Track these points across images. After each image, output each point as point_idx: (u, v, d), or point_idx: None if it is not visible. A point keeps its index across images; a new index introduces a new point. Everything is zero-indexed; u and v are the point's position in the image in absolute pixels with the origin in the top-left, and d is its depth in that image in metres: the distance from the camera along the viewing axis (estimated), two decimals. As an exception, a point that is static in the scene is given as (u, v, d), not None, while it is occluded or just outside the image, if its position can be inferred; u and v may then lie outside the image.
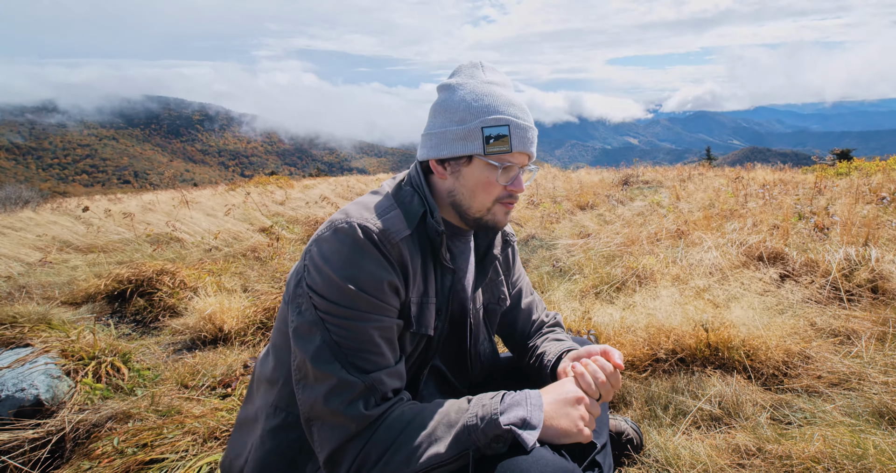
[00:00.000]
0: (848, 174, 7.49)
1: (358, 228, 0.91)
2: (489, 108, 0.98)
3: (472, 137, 0.97)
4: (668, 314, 2.28)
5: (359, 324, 0.88)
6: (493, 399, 0.88)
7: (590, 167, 12.22)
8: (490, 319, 1.23)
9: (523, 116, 1.00)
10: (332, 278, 0.89)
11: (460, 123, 0.98)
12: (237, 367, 2.26)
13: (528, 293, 1.35)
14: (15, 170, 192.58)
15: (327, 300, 0.89)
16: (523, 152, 1.00)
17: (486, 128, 0.97)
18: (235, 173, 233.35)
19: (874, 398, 1.69)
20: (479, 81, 1.02)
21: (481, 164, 0.99)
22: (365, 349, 0.89)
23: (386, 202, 1.01)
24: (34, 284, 3.60)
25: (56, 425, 1.72)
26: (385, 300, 0.92)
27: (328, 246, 0.92)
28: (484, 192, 1.01)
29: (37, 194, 12.04)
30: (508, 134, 0.97)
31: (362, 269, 0.89)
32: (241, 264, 4.16)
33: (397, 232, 0.94)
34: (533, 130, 1.02)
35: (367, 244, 0.91)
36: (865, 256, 2.79)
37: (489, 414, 0.84)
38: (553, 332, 1.31)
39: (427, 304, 1.02)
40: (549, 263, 3.93)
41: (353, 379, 0.86)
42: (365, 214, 0.95)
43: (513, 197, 1.04)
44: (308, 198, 9.23)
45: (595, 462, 1.05)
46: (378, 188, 1.08)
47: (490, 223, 1.05)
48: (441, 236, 0.99)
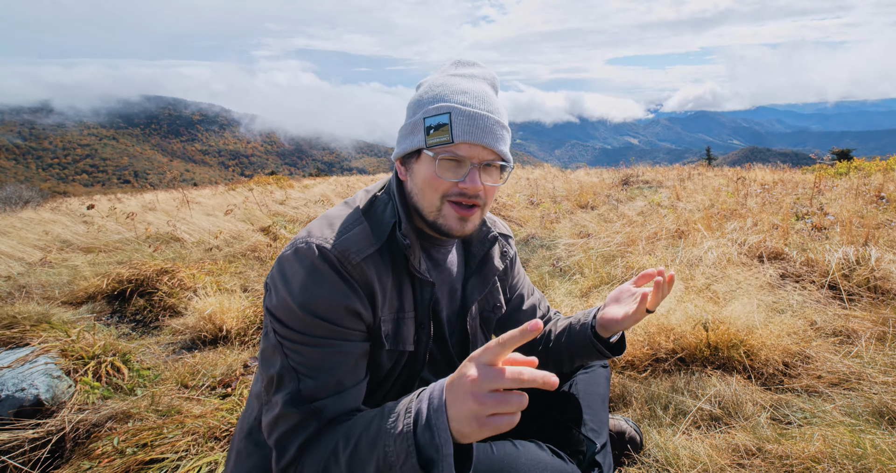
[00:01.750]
0: (847, 174, 7.49)
1: (316, 249, 0.87)
2: (435, 97, 0.90)
3: (417, 130, 0.91)
4: (667, 312, 2.28)
5: (315, 350, 0.86)
6: (405, 424, 0.72)
7: (589, 167, 12.22)
8: (486, 326, 1.21)
9: (475, 103, 0.89)
10: (289, 304, 0.86)
11: (411, 117, 0.93)
12: (237, 367, 2.26)
13: (529, 295, 1.33)
14: (15, 170, 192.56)
15: (285, 326, 0.87)
16: (475, 144, 0.88)
17: (427, 118, 0.89)
18: (235, 173, 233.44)
19: (874, 397, 1.69)
20: (444, 74, 0.96)
21: (427, 158, 0.90)
22: (320, 374, 0.86)
23: (353, 217, 0.95)
24: (34, 283, 3.60)
25: (56, 425, 1.72)
26: (344, 325, 0.88)
27: (288, 267, 0.89)
28: (430, 189, 0.91)
29: (37, 193, 12.04)
30: (449, 122, 0.87)
31: (318, 295, 0.85)
32: (241, 264, 4.16)
33: (358, 252, 0.89)
34: (488, 118, 0.89)
35: (325, 267, 0.86)
36: (865, 256, 2.79)
37: (405, 455, 0.70)
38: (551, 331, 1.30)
39: (404, 319, 0.97)
40: (550, 263, 3.93)
41: (295, 411, 0.84)
42: (326, 232, 0.90)
43: (464, 196, 0.91)
44: (308, 198, 9.23)
45: (595, 461, 1.05)
46: (350, 199, 1.02)
47: (444, 228, 0.94)
48: (409, 249, 0.93)
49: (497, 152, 0.91)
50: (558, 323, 1.26)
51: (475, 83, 0.93)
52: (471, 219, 0.94)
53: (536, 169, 12.16)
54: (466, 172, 0.89)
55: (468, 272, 1.13)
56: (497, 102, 0.94)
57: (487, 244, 1.12)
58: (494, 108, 0.92)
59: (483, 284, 1.12)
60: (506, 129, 0.93)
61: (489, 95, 0.93)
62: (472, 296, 1.11)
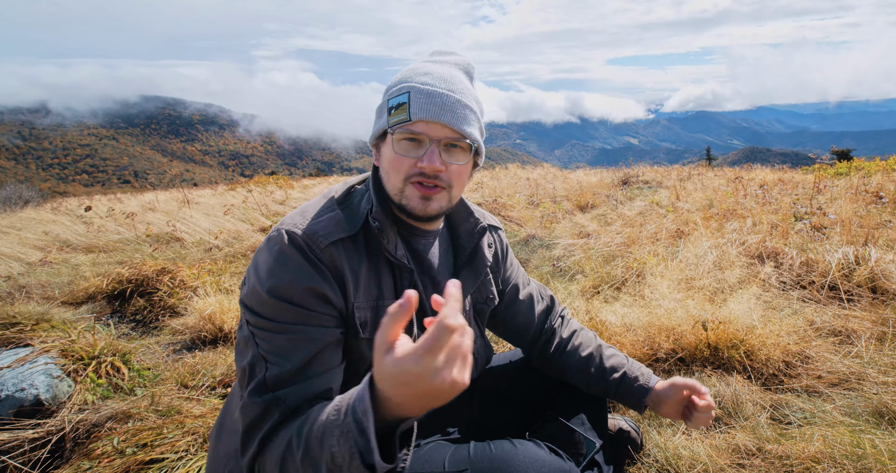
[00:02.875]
0: (847, 174, 7.49)
1: (285, 234, 0.88)
2: (399, 80, 0.92)
3: (382, 112, 0.93)
4: (667, 311, 2.28)
5: (282, 336, 0.85)
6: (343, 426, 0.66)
7: (589, 167, 12.23)
8: (480, 318, 1.20)
9: (436, 83, 0.89)
10: (257, 290, 0.86)
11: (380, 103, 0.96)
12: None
13: (524, 285, 1.30)
14: (15, 170, 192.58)
15: (254, 313, 0.87)
16: (432, 122, 0.87)
17: (390, 99, 0.91)
18: (235, 173, 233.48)
19: (874, 398, 1.69)
20: (417, 62, 0.98)
21: (390, 140, 0.91)
22: (286, 361, 0.84)
23: (326, 205, 0.96)
24: (34, 283, 3.61)
25: (56, 425, 1.72)
26: (311, 308, 0.87)
27: (260, 256, 0.90)
28: (393, 169, 0.92)
29: (37, 193, 12.05)
30: (408, 101, 0.87)
31: (283, 278, 0.86)
32: (241, 264, 4.16)
33: (326, 236, 0.89)
34: (447, 97, 0.88)
35: (292, 251, 0.87)
36: (865, 256, 2.79)
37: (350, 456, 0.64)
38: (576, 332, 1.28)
39: (384, 306, 0.96)
40: (550, 263, 3.93)
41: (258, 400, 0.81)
42: (297, 220, 0.92)
43: (425, 176, 0.90)
44: (308, 198, 9.24)
45: (594, 461, 1.05)
46: (328, 190, 1.04)
47: (408, 208, 0.93)
48: (381, 232, 0.94)
49: (459, 131, 0.89)
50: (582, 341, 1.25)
51: (443, 67, 0.94)
52: (434, 198, 0.93)
53: (536, 169, 12.16)
54: (426, 151, 0.89)
55: (458, 265, 1.12)
56: (464, 83, 0.94)
57: (476, 236, 1.12)
58: (458, 88, 0.91)
59: (474, 275, 1.11)
60: (470, 110, 0.92)
61: (455, 77, 0.93)
62: (465, 288, 1.10)
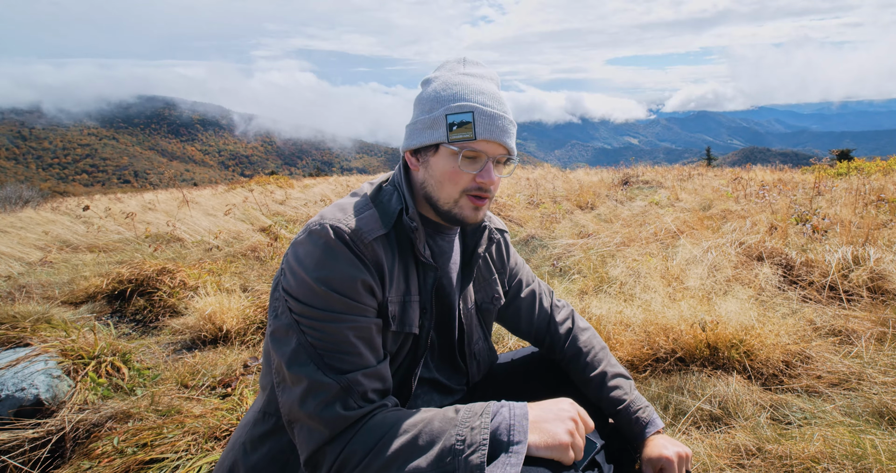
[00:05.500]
0: (847, 174, 7.49)
1: (330, 229, 0.91)
2: (455, 96, 0.98)
3: (437, 125, 0.97)
4: (666, 311, 2.28)
5: (333, 325, 0.88)
6: (482, 420, 0.82)
7: (589, 167, 12.22)
8: (485, 318, 1.23)
9: (493, 104, 0.98)
10: (306, 280, 0.89)
11: (428, 112, 0.99)
12: (237, 367, 2.26)
13: (528, 282, 1.34)
14: (15, 170, 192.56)
15: (301, 303, 0.89)
16: (492, 141, 0.97)
17: (449, 115, 0.96)
18: (235, 173, 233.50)
19: (874, 398, 1.69)
20: (455, 73, 1.03)
21: (447, 152, 0.97)
22: (341, 349, 0.88)
23: (362, 203, 1.01)
24: (34, 283, 3.61)
25: (56, 424, 1.72)
26: (359, 300, 0.91)
27: (302, 249, 0.93)
28: (450, 182, 0.99)
29: (37, 193, 12.04)
30: (472, 121, 0.95)
31: (334, 269, 0.89)
32: (241, 264, 4.16)
33: (370, 232, 0.94)
34: (504, 119, 0.98)
35: (339, 245, 0.91)
36: (864, 256, 2.79)
37: (477, 444, 0.79)
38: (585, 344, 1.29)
39: (410, 302, 1.01)
40: (549, 262, 3.94)
41: (328, 381, 0.85)
42: (339, 215, 0.95)
43: (482, 190, 1.00)
44: (308, 198, 9.24)
45: (594, 461, 1.05)
46: (357, 190, 1.08)
47: (458, 217, 1.02)
48: (415, 232, 0.99)
49: (510, 149, 1.01)
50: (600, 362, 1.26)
51: (487, 84, 1.01)
52: (482, 208, 1.03)
53: (537, 169, 12.16)
54: (482, 167, 0.98)
55: (464, 262, 1.18)
56: (506, 102, 1.04)
57: (480, 235, 1.18)
58: (506, 108, 1.01)
59: (468, 272, 1.16)
60: (514, 125, 1.03)
61: (502, 96, 1.02)
62: (464, 283, 1.16)
